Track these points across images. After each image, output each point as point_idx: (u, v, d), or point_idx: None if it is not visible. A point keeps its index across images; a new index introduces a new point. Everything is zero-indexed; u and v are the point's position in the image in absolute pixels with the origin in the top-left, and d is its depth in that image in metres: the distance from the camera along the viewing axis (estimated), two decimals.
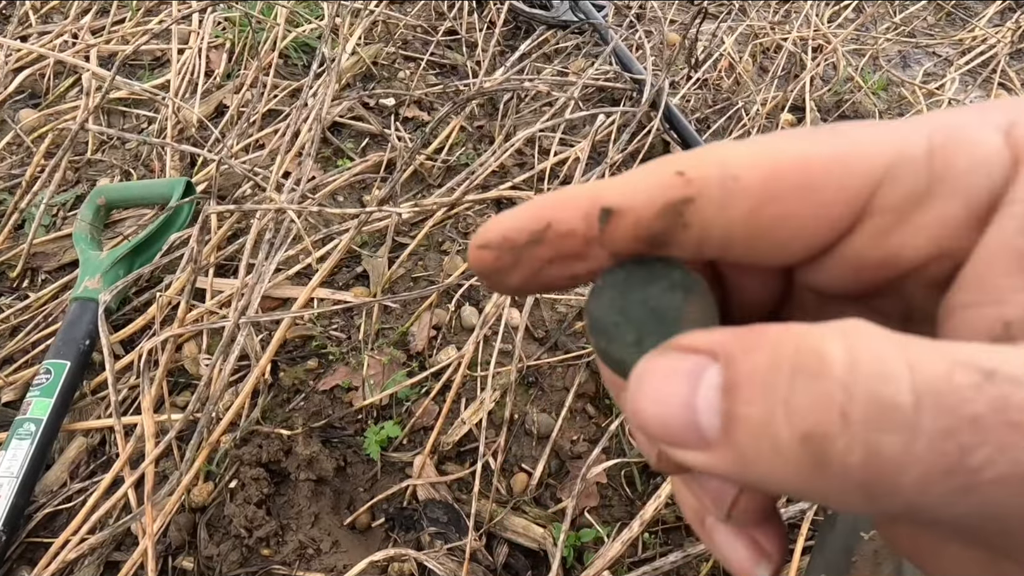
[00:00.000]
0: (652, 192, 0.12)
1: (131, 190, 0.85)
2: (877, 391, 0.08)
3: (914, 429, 0.08)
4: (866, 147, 0.11)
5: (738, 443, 0.09)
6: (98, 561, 0.58)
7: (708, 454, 0.10)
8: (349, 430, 0.68)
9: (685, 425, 0.10)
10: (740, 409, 0.09)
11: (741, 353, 0.10)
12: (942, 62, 1.31)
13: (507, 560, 0.59)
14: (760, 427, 0.09)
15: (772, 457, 0.09)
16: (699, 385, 0.10)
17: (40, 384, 0.64)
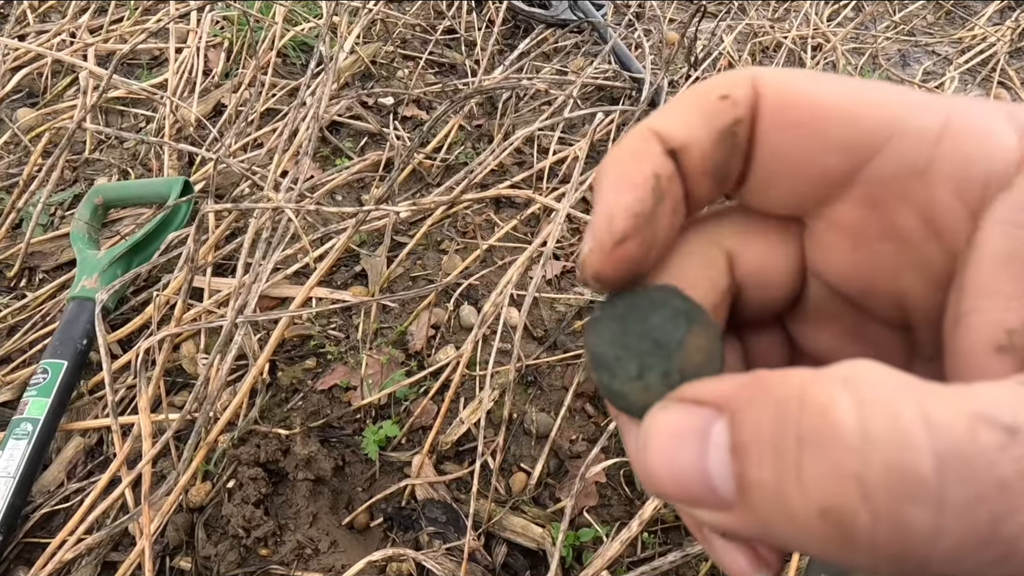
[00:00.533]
0: (705, 120, 0.12)
1: (129, 189, 0.85)
2: (896, 459, 0.08)
3: (941, 500, 0.07)
4: (878, 108, 0.11)
5: (755, 508, 0.09)
6: (95, 561, 0.58)
7: (729, 515, 0.09)
8: (347, 430, 0.68)
9: (702, 488, 0.10)
10: (752, 473, 0.09)
11: (746, 407, 0.09)
12: (942, 61, 1.30)
13: (506, 560, 0.59)
14: (775, 495, 0.08)
15: (792, 525, 0.08)
16: (708, 446, 0.10)
17: (37, 384, 0.64)
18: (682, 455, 0.10)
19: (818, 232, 0.12)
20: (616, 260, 0.12)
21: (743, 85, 0.12)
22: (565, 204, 0.60)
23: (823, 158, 0.11)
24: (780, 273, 0.13)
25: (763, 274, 0.13)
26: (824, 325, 0.13)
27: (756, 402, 0.09)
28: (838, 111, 0.11)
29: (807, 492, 0.08)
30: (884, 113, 0.11)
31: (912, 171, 0.11)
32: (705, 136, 0.12)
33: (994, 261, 0.10)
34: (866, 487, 0.08)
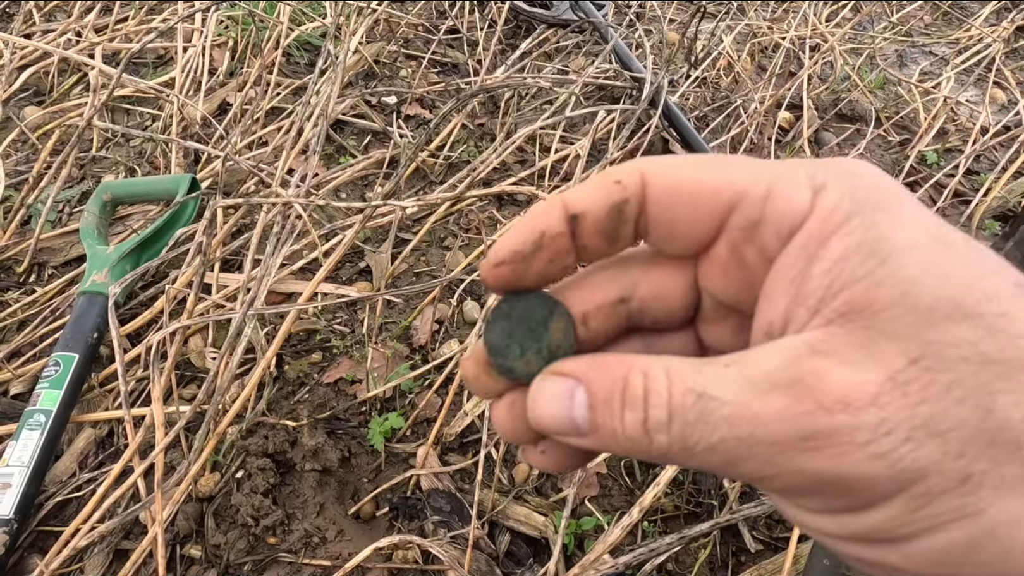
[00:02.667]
0: (601, 197, 0.17)
1: (137, 186, 0.86)
2: (654, 415, 0.15)
3: (670, 431, 0.15)
4: (728, 183, 0.16)
5: (600, 436, 0.16)
6: (107, 549, 0.59)
7: (585, 439, 0.16)
8: (353, 421, 0.69)
9: (570, 427, 0.17)
10: (598, 419, 0.16)
11: (594, 378, 0.16)
12: (939, 61, 1.32)
13: (509, 548, 0.61)
14: (611, 431, 0.16)
15: (619, 446, 0.16)
16: (574, 403, 0.16)
17: (49, 376, 0.65)
18: (558, 408, 0.17)
19: (703, 265, 0.18)
20: (493, 275, 0.18)
21: (633, 174, 0.17)
22: None
23: (698, 222, 0.17)
24: (676, 292, 0.19)
25: (661, 292, 0.19)
26: (718, 326, 0.19)
27: (599, 377, 0.16)
28: (705, 189, 0.17)
29: (626, 430, 0.16)
30: (734, 187, 0.16)
31: (751, 224, 0.16)
32: (599, 208, 0.17)
33: (775, 277, 0.16)
34: (646, 426, 0.15)
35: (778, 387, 0.14)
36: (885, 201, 0.15)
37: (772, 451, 0.14)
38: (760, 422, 0.14)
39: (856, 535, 0.15)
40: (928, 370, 0.13)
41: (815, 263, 0.15)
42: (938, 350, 0.13)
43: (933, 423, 0.13)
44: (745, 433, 0.14)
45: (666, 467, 0.57)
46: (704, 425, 0.15)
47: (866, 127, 1.13)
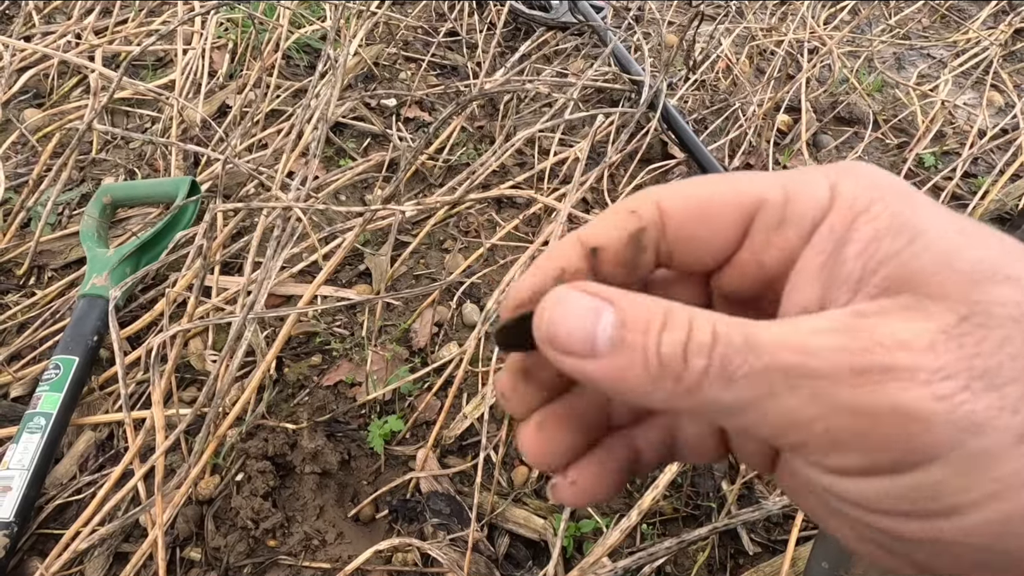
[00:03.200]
0: (618, 228, 0.17)
1: (137, 189, 0.86)
2: (697, 336, 0.15)
3: (711, 355, 0.14)
4: (745, 193, 0.17)
5: (622, 358, 0.15)
6: (108, 552, 0.59)
7: (595, 363, 0.15)
8: (353, 424, 0.69)
9: (584, 344, 0.15)
10: (628, 337, 0.15)
11: (629, 307, 0.15)
12: (936, 64, 1.32)
13: (508, 550, 0.61)
14: (640, 350, 0.15)
15: (641, 370, 0.15)
16: (599, 320, 0.15)
17: (49, 379, 0.65)
18: (579, 319, 0.15)
19: (724, 272, 0.18)
20: (512, 313, 0.18)
21: (647, 203, 0.17)
22: (567, 204, 0.62)
23: (720, 235, 0.17)
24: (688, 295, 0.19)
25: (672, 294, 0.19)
26: None
27: (634, 306, 0.15)
28: (723, 202, 0.17)
29: (661, 347, 0.15)
30: (752, 196, 0.17)
31: (773, 227, 0.17)
32: (617, 239, 0.17)
33: (802, 269, 0.16)
34: (685, 347, 0.14)
35: (831, 330, 0.14)
36: (902, 192, 0.16)
37: (821, 385, 0.13)
38: (811, 352, 0.14)
39: (899, 502, 0.14)
40: (980, 326, 0.13)
41: (847, 246, 0.15)
42: (986, 308, 0.13)
43: (989, 376, 0.13)
44: (793, 362, 0.14)
45: (664, 470, 0.57)
46: (750, 351, 0.14)
47: (864, 130, 1.13)
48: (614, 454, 0.19)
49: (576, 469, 0.19)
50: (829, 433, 0.14)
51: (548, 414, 0.18)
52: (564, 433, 0.19)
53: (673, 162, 1.02)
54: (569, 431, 0.19)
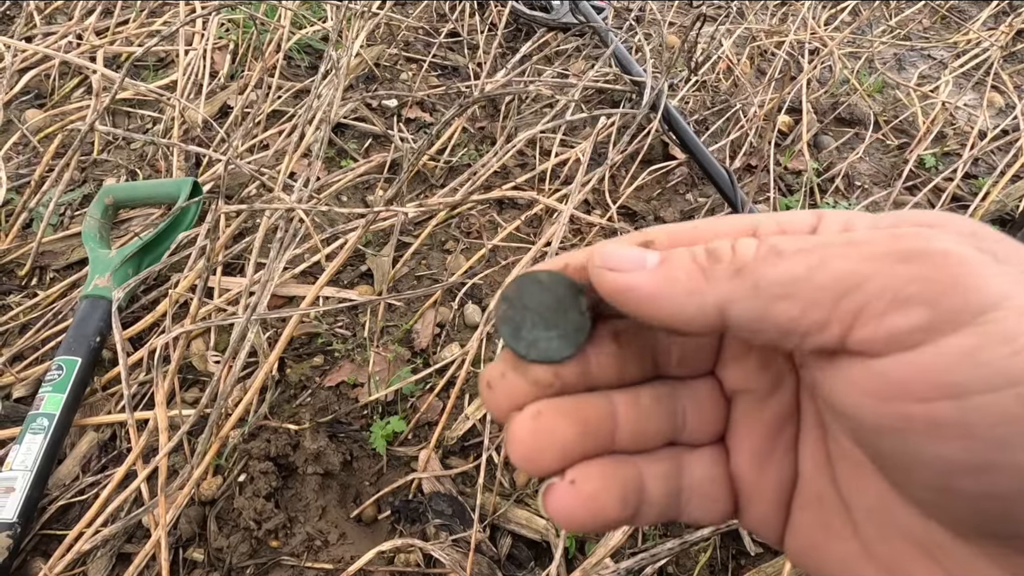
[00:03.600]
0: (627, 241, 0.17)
1: (139, 190, 0.86)
2: (744, 241, 0.15)
3: (758, 249, 0.15)
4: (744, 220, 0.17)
5: (671, 266, 0.15)
6: (111, 552, 0.59)
7: (643, 272, 0.15)
8: (355, 425, 0.69)
9: (634, 259, 0.16)
10: (674, 254, 0.16)
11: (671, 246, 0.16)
12: (937, 64, 1.32)
13: (511, 551, 0.61)
14: (688, 257, 0.15)
15: (688, 275, 0.15)
16: (646, 254, 0.16)
17: (52, 380, 0.65)
18: (628, 249, 0.16)
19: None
20: None
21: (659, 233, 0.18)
22: (569, 205, 0.62)
23: None
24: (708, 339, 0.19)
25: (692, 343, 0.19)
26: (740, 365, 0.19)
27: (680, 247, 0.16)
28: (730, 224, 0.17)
29: (708, 249, 0.15)
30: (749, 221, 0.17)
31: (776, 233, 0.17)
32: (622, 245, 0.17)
33: None
34: (734, 249, 0.15)
35: (870, 227, 0.15)
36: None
37: (870, 248, 0.14)
38: (857, 240, 0.14)
39: (971, 367, 0.12)
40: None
41: None
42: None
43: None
44: (842, 239, 0.14)
45: None
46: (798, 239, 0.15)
47: (865, 131, 1.13)
48: (620, 470, 0.17)
49: (577, 470, 0.17)
50: (888, 287, 0.13)
51: (547, 405, 0.17)
52: (564, 427, 0.17)
53: (674, 163, 1.02)
54: (571, 426, 0.17)
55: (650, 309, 0.15)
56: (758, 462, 0.18)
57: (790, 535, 0.18)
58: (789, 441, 0.18)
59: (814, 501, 0.17)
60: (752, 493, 0.18)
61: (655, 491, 0.18)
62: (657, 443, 0.18)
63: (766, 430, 0.18)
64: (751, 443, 0.18)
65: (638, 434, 0.18)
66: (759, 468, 0.18)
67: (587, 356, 0.17)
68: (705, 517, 0.19)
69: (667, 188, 1.01)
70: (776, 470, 0.18)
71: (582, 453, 0.17)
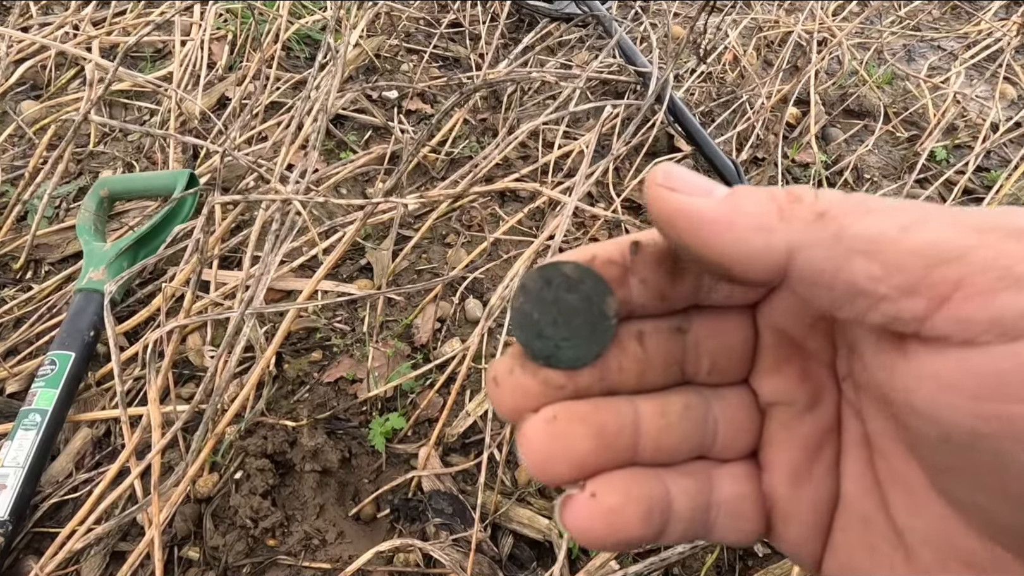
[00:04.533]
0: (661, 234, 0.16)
1: (134, 182, 0.85)
2: (825, 192, 0.14)
3: (843, 204, 0.13)
4: None
5: (739, 193, 0.14)
6: (104, 551, 0.58)
7: (710, 199, 0.14)
8: (354, 422, 0.68)
9: (701, 184, 0.14)
10: (745, 189, 0.14)
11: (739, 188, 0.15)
12: (947, 56, 1.30)
13: (512, 551, 0.60)
14: (761, 189, 0.14)
15: (766, 199, 0.14)
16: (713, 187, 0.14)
17: (45, 375, 0.64)
18: (696, 175, 0.15)
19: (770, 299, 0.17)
20: None
21: None
22: (573, 197, 0.60)
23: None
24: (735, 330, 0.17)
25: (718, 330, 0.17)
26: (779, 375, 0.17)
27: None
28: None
29: (786, 189, 0.14)
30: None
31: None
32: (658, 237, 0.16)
33: None
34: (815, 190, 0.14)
35: None
36: None
37: (966, 217, 0.12)
38: (956, 211, 0.12)
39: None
40: None
41: None
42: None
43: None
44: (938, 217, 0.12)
45: None
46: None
47: (874, 123, 1.11)
48: (646, 484, 0.15)
49: (598, 482, 0.15)
50: (996, 262, 0.11)
51: (563, 409, 0.15)
52: (581, 435, 0.15)
53: (680, 155, 1.00)
54: (588, 434, 0.15)
55: (709, 238, 0.13)
56: (795, 481, 0.17)
57: (830, 558, 0.16)
58: (830, 459, 0.17)
59: (858, 524, 0.16)
60: (787, 513, 0.17)
61: (682, 508, 0.16)
62: (684, 456, 0.17)
63: (804, 447, 0.17)
64: (788, 460, 0.17)
65: (664, 445, 0.16)
66: (796, 487, 0.17)
67: (607, 361, 0.16)
68: (734, 537, 0.17)
69: None
70: (815, 490, 0.16)
71: (600, 464, 0.15)
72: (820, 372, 0.17)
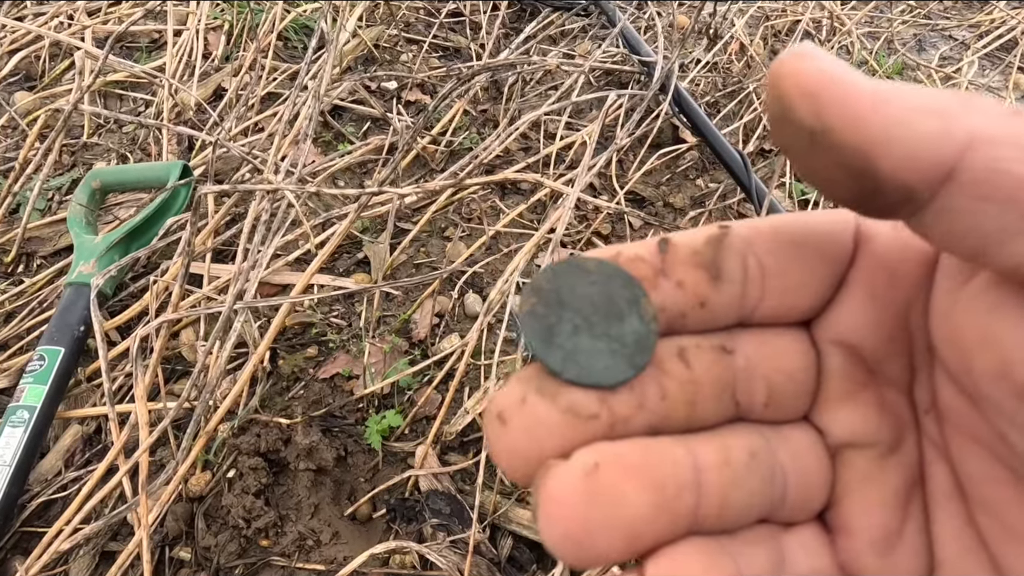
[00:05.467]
0: (699, 231, 0.14)
1: (127, 173, 0.83)
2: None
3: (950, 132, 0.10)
4: (836, 216, 0.14)
5: (901, 89, 0.11)
6: (93, 551, 0.57)
7: (858, 76, 0.11)
8: (350, 419, 0.66)
9: (843, 66, 0.11)
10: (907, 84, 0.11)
11: None
12: (959, 45, 1.27)
13: (512, 553, 0.58)
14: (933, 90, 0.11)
15: (938, 101, 0.10)
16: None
17: (34, 371, 0.62)
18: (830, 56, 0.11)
19: (830, 319, 0.14)
20: None
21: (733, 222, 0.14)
22: (575, 188, 0.58)
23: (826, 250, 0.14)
24: (792, 354, 0.14)
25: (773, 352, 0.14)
26: (850, 404, 0.14)
27: None
28: (819, 224, 0.14)
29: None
30: (838, 217, 0.14)
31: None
32: (693, 237, 0.13)
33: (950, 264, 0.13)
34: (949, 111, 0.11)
35: None
36: None
37: None
38: None
39: None
40: None
41: None
42: None
43: None
44: None
45: None
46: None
47: None
48: (718, 562, 0.12)
49: (660, 563, 0.11)
50: None
51: (607, 452, 0.11)
52: (636, 492, 0.11)
53: (685, 147, 0.98)
54: (644, 491, 0.11)
55: (866, 115, 0.10)
56: (883, 547, 0.13)
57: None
58: (919, 518, 0.13)
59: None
60: None
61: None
62: (751, 520, 0.13)
63: (891, 501, 0.13)
64: (872, 521, 0.13)
65: (731, 505, 0.12)
66: (884, 555, 0.13)
67: (644, 385, 0.12)
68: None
69: (677, 173, 0.97)
70: (909, 557, 0.13)
71: (659, 535, 0.11)
72: (899, 402, 0.13)
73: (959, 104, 0.10)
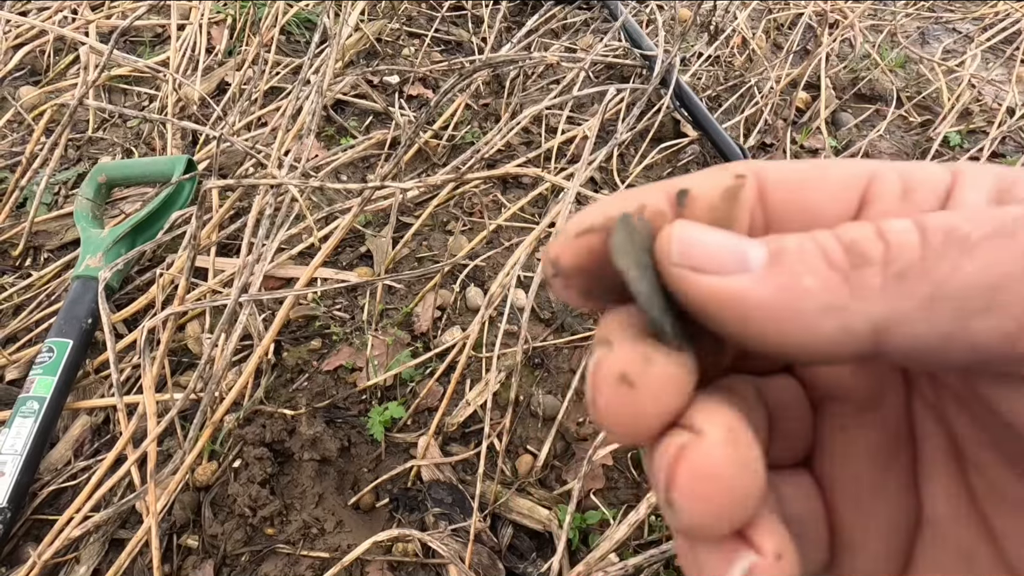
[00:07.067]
0: (712, 179, 0.13)
1: (132, 168, 0.84)
2: (899, 229, 0.11)
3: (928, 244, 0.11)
4: (856, 165, 0.14)
5: (784, 264, 0.11)
6: (103, 539, 0.58)
7: (748, 277, 0.11)
8: (353, 410, 0.67)
9: (731, 252, 0.11)
10: (790, 247, 0.11)
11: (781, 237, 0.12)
12: (962, 38, 1.27)
13: (512, 542, 0.59)
14: (813, 249, 0.11)
15: (823, 268, 0.11)
16: (750, 249, 0.11)
17: (43, 362, 0.63)
18: (722, 238, 0.12)
19: None
20: (574, 248, 0.13)
21: (743, 167, 0.14)
22: (576, 182, 0.59)
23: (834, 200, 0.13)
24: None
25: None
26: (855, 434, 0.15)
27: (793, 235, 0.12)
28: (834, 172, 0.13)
29: (848, 240, 0.11)
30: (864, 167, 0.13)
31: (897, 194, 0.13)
32: (711, 187, 0.13)
33: None
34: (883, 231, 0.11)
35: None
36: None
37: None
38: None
39: None
40: None
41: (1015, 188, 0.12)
42: None
43: None
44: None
45: None
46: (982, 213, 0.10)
47: (886, 108, 1.09)
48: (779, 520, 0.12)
49: (761, 532, 0.11)
50: None
51: (735, 418, 0.11)
52: (758, 457, 0.11)
53: (686, 140, 0.98)
54: (760, 455, 0.11)
55: (765, 329, 0.10)
56: (863, 498, 0.14)
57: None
58: (905, 472, 0.14)
59: (954, 558, 0.13)
60: (854, 539, 0.14)
61: None
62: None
63: (872, 454, 0.14)
64: (851, 471, 0.14)
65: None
66: (863, 507, 0.14)
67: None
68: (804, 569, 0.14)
69: (678, 167, 0.97)
70: (889, 511, 0.14)
71: (759, 501, 0.11)
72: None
73: (849, 294, 0.10)
